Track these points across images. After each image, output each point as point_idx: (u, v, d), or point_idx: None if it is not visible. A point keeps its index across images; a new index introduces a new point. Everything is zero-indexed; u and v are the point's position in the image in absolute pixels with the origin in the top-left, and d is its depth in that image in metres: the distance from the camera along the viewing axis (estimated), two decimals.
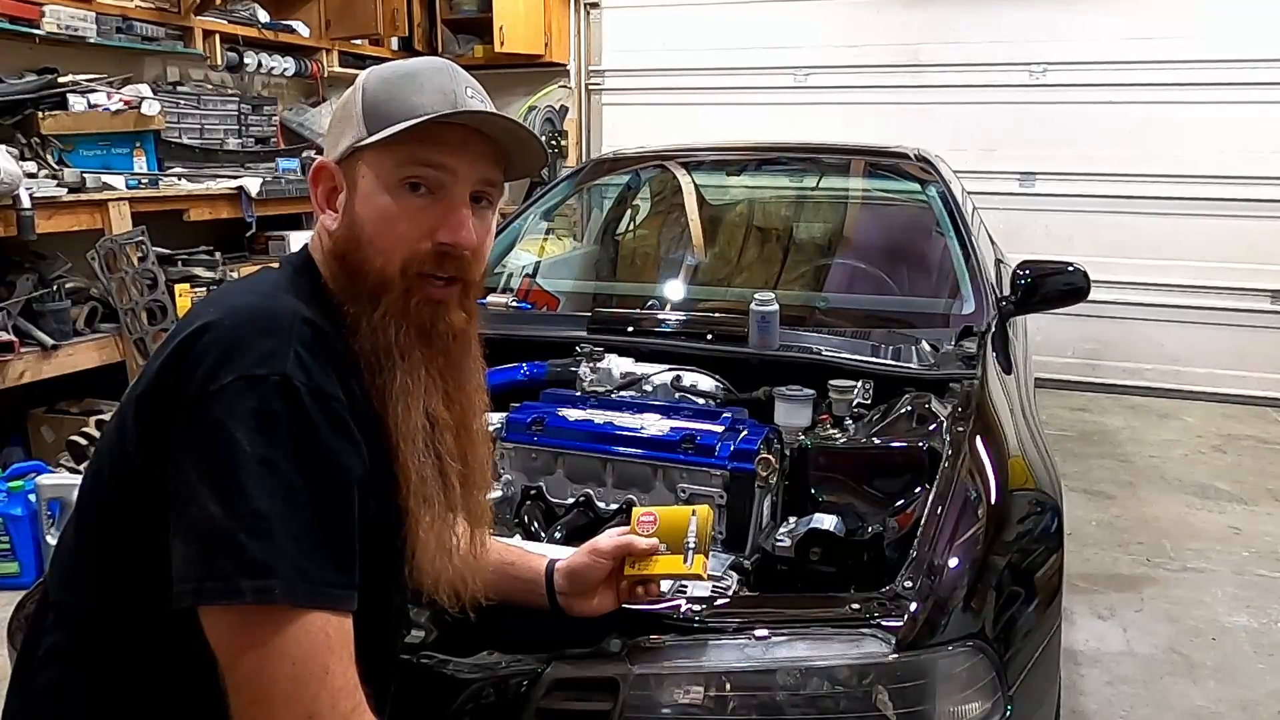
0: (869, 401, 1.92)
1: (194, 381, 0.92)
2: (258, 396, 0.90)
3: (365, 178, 1.04)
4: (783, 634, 1.22)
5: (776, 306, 2.04)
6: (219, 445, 0.89)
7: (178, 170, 4.17)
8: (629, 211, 3.55)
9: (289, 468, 0.90)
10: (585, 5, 6.33)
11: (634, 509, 1.34)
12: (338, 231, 1.06)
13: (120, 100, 3.87)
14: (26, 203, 3.24)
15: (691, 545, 1.25)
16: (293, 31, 5.02)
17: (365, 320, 1.03)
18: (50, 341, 3.41)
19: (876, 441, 1.74)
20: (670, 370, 1.97)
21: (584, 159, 5.88)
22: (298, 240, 4.43)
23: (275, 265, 1.12)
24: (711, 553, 1.40)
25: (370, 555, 0.98)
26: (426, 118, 1.01)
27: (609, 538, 1.29)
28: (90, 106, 3.77)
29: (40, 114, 3.56)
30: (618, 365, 2.00)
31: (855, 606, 1.25)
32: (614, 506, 1.69)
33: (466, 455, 1.11)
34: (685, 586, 1.34)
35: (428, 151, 1.03)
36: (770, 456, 1.64)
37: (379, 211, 1.03)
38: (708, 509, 1.32)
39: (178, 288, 3.75)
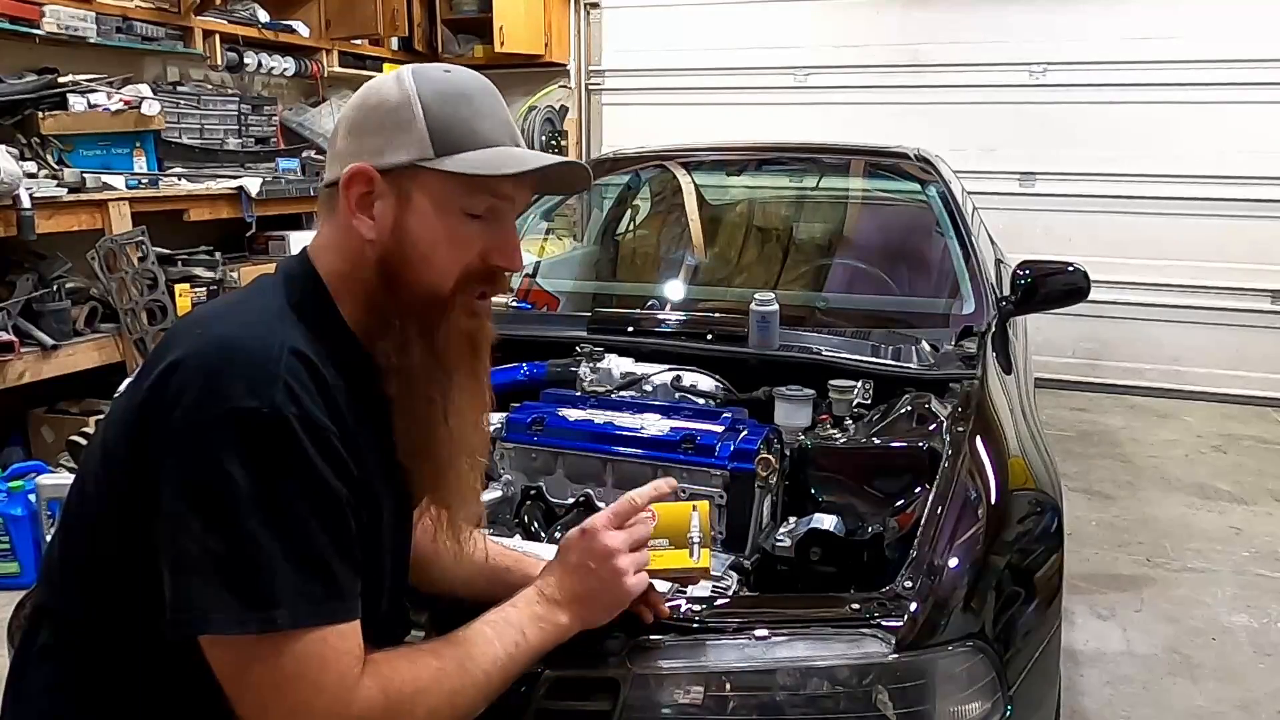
0: (869, 401, 1.92)
1: (182, 412, 0.92)
2: (250, 429, 0.90)
3: (425, 196, 1.03)
4: (783, 634, 1.22)
5: (776, 306, 2.04)
6: (213, 479, 0.89)
7: (178, 170, 4.17)
8: (629, 211, 3.55)
9: (285, 499, 0.91)
10: (585, 5, 6.33)
11: None
12: (383, 243, 1.04)
13: (120, 100, 3.87)
14: (26, 203, 3.25)
15: (696, 540, 1.24)
16: (293, 31, 5.02)
17: (412, 333, 1.04)
18: (50, 341, 3.41)
19: (876, 441, 1.74)
20: (670, 370, 1.96)
21: (584, 159, 5.88)
22: (298, 240, 4.44)
23: (271, 273, 1.10)
24: (712, 553, 1.38)
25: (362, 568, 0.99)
26: (526, 169, 1.03)
27: None
28: (90, 106, 3.77)
29: (40, 114, 3.56)
30: (618, 365, 2.00)
31: (855, 606, 1.25)
32: None
33: (478, 454, 1.16)
34: (683, 590, 1.33)
35: (498, 184, 1.05)
36: (770, 456, 1.63)
37: (439, 232, 1.03)
38: (706, 503, 1.32)
39: (178, 288, 3.76)
